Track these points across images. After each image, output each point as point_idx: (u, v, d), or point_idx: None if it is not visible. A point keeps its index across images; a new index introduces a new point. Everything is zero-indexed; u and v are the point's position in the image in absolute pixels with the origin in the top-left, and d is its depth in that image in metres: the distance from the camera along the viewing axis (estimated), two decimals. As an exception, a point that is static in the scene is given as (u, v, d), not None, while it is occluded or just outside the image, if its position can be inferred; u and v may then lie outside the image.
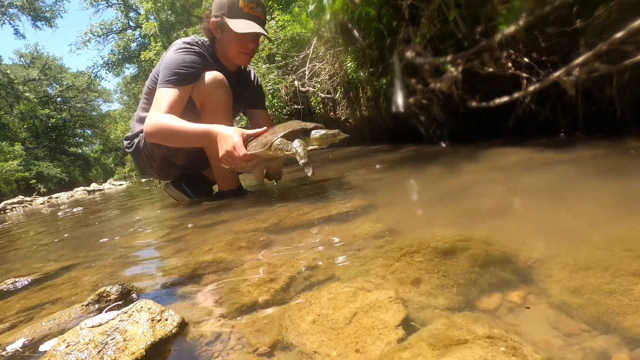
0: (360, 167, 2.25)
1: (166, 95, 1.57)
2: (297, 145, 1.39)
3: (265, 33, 1.66)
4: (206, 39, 1.76)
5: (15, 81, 24.93)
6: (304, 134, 1.44)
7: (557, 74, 1.54)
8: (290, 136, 1.42)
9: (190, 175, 2.06)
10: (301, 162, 1.36)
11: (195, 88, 1.64)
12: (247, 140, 1.48)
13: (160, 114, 1.54)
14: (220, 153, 1.48)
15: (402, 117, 2.49)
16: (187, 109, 1.64)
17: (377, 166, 2.08)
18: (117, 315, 0.60)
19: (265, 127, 1.51)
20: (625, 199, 0.86)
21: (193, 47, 1.68)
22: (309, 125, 1.45)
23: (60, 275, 1.09)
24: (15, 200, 8.66)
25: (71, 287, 0.95)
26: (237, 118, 4.93)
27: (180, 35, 16.42)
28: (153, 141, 1.64)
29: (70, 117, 30.91)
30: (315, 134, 1.42)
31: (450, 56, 1.92)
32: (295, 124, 1.47)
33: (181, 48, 1.65)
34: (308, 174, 1.37)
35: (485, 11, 1.71)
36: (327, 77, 3.74)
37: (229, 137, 1.45)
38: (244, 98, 1.93)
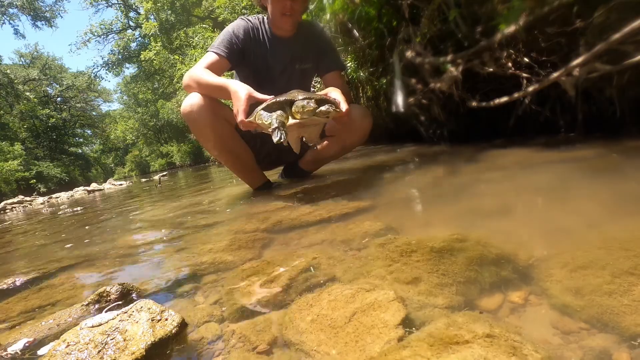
0: (360, 167, 2.25)
1: (205, 58, 1.71)
2: (273, 117, 1.28)
3: None
4: (264, 14, 1.84)
5: (15, 81, 24.91)
6: (290, 105, 1.32)
7: (557, 74, 1.54)
8: (276, 107, 1.32)
9: (289, 165, 2.20)
10: (270, 128, 1.28)
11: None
12: (254, 104, 1.43)
13: (195, 69, 1.66)
14: (234, 110, 1.47)
15: (402, 117, 2.49)
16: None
17: (377, 166, 2.08)
18: (117, 315, 0.60)
19: (272, 96, 1.42)
20: (624, 198, 0.86)
21: (242, 18, 1.79)
22: (300, 96, 1.32)
23: (60, 275, 1.09)
24: (15, 200, 8.64)
25: (71, 287, 0.95)
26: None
27: (181, 35, 16.40)
28: (188, 90, 1.72)
29: (70, 117, 30.91)
30: (295, 105, 1.28)
31: (450, 56, 1.92)
32: (289, 95, 1.35)
33: (237, 19, 1.80)
34: (274, 139, 1.26)
35: (485, 11, 1.71)
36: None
37: (238, 98, 1.43)
38: (306, 59, 1.89)
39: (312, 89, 2.27)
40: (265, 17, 1.81)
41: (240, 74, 1.84)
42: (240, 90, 1.44)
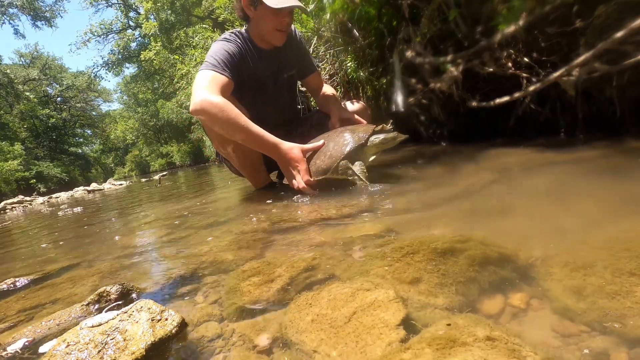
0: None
1: (216, 79, 1.52)
2: (357, 170, 1.43)
3: (301, 5, 1.60)
4: (241, 29, 1.80)
5: (15, 81, 24.92)
6: (362, 147, 1.44)
7: (557, 74, 1.54)
8: (349, 157, 1.43)
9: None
10: (359, 182, 1.43)
11: None
12: (306, 155, 1.51)
13: (213, 94, 1.45)
14: (287, 176, 1.55)
15: (402, 117, 2.49)
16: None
17: (377, 166, 2.08)
18: (117, 315, 0.60)
19: (322, 141, 1.51)
20: (625, 199, 0.86)
21: (228, 40, 1.72)
22: (365, 134, 1.43)
23: (60, 275, 1.10)
24: (15, 200, 8.66)
25: (71, 287, 0.95)
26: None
27: (181, 35, 16.40)
28: (204, 119, 1.51)
29: (70, 117, 30.92)
30: (374, 140, 1.43)
31: (450, 56, 1.92)
32: (349, 138, 1.44)
33: (220, 40, 1.73)
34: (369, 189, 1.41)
35: (485, 11, 1.71)
36: (327, 77, 3.74)
37: (294, 158, 1.48)
38: (291, 66, 1.90)
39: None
40: (244, 31, 1.77)
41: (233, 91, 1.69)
42: (293, 149, 1.48)
